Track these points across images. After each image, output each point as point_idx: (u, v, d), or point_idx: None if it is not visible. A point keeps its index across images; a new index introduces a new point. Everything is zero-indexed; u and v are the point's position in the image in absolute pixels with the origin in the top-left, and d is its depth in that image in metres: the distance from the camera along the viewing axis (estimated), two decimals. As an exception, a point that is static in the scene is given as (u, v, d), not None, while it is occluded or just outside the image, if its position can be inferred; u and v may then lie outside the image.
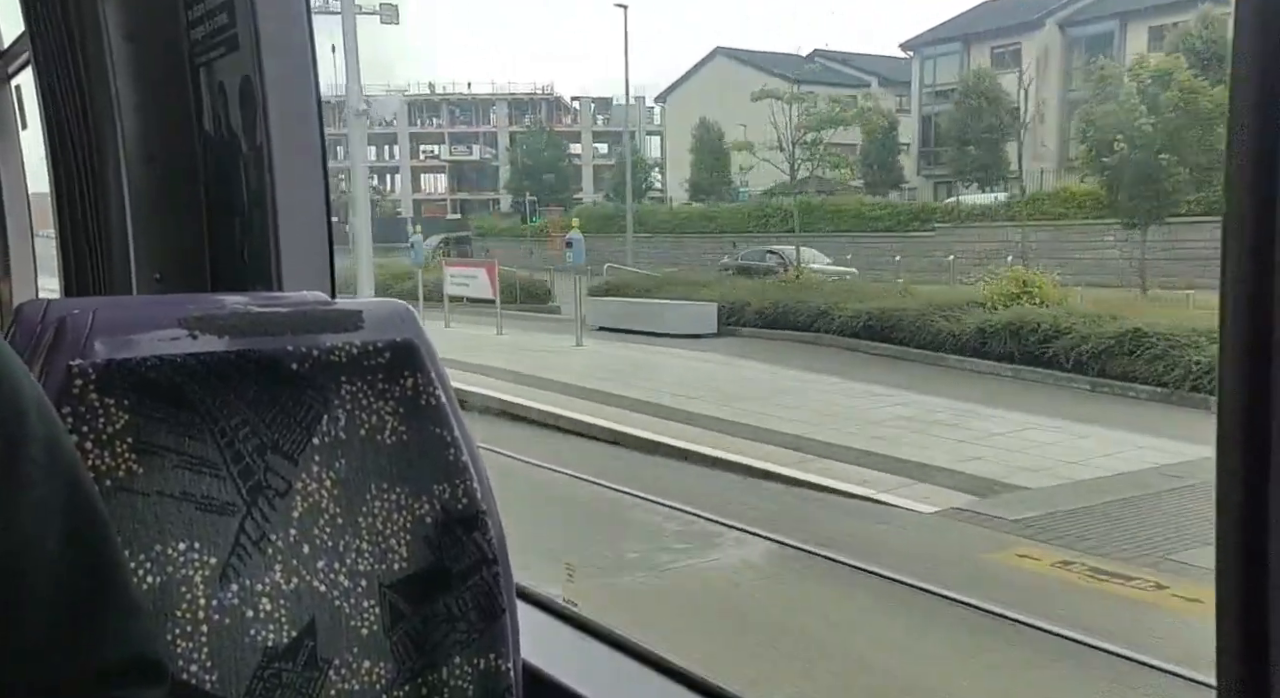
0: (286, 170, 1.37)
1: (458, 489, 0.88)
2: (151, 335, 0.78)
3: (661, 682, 1.07)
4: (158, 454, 0.77)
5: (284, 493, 0.82)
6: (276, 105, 1.36)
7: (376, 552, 0.85)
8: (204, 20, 1.48)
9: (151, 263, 1.61)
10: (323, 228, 1.38)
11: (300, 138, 1.39)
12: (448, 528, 0.87)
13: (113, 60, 1.52)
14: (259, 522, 0.80)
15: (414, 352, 0.88)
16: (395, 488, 0.86)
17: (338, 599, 0.82)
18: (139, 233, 1.60)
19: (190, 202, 1.57)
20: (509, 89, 52.51)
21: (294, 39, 1.40)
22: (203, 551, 0.77)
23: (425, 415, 0.88)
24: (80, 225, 1.86)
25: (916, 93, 31.90)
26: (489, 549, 0.88)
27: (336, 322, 0.86)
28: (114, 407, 0.75)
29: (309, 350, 0.83)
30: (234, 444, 0.80)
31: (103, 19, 1.52)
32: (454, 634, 0.87)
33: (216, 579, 0.78)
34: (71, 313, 0.76)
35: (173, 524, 0.77)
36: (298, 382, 0.83)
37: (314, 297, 0.96)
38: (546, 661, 1.02)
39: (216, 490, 0.79)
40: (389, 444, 0.87)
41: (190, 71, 1.52)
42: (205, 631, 0.76)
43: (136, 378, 0.76)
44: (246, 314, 0.83)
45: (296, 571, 0.81)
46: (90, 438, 0.74)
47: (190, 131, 1.55)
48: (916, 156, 31.35)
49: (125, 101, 1.54)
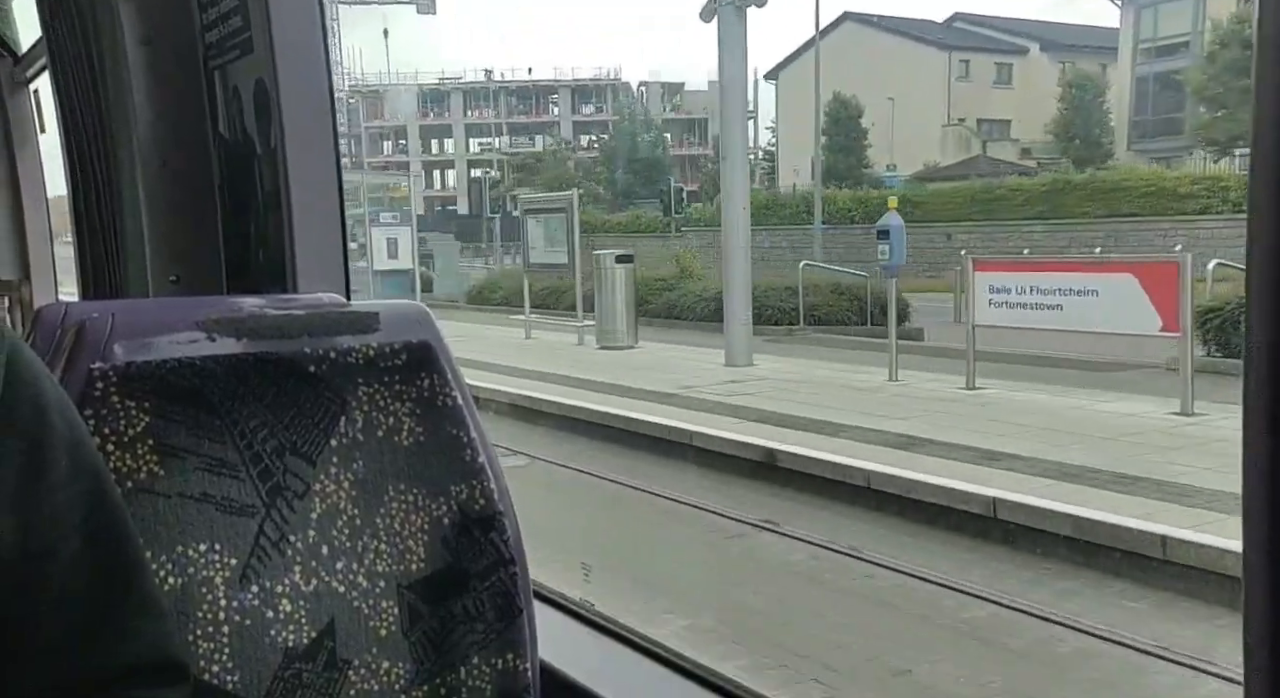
0: (300, 172, 1.38)
1: (475, 490, 0.88)
2: (170, 338, 0.79)
3: (679, 682, 1.07)
4: (178, 456, 0.77)
5: (302, 494, 0.82)
6: (290, 107, 1.37)
7: (394, 553, 0.85)
8: (218, 24, 1.48)
9: (167, 264, 1.62)
10: (337, 229, 1.39)
11: (314, 139, 1.39)
12: (465, 529, 0.88)
13: (128, 65, 1.53)
14: (278, 523, 0.81)
15: (430, 353, 0.88)
16: (413, 489, 0.87)
17: (356, 600, 0.83)
18: (155, 235, 1.61)
19: (205, 204, 1.58)
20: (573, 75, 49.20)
21: (308, 41, 1.40)
22: (223, 552, 0.78)
23: (442, 416, 0.88)
24: (97, 228, 1.87)
25: (1130, 49, 25.74)
26: (506, 550, 0.89)
27: (353, 323, 0.86)
28: (135, 409, 0.75)
29: (326, 352, 0.84)
30: (253, 446, 0.80)
31: (119, 24, 1.53)
32: (472, 635, 0.87)
33: (237, 580, 0.78)
34: (91, 316, 0.77)
35: (193, 526, 0.77)
36: (315, 383, 0.83)
37: (330, 298, 0.97)
38: (564, 661, 1.02)
39: (236, 492, 0.79)
40: (406, 445, 0.87)
41: (205, 75, 1.53)
42: (226, 631, 0.77)
43: (156, 380, 0.77)
44: (264, 316, 0.84)
45: (315, 571, 0.82)
46: (112, 440, 0.74)
47: (205, 134, 1.56)
48: (1128, 127, 25.53)
49: (141, 105, 1.55)
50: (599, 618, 1.19)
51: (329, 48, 1.43)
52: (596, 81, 48.90)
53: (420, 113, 50.35)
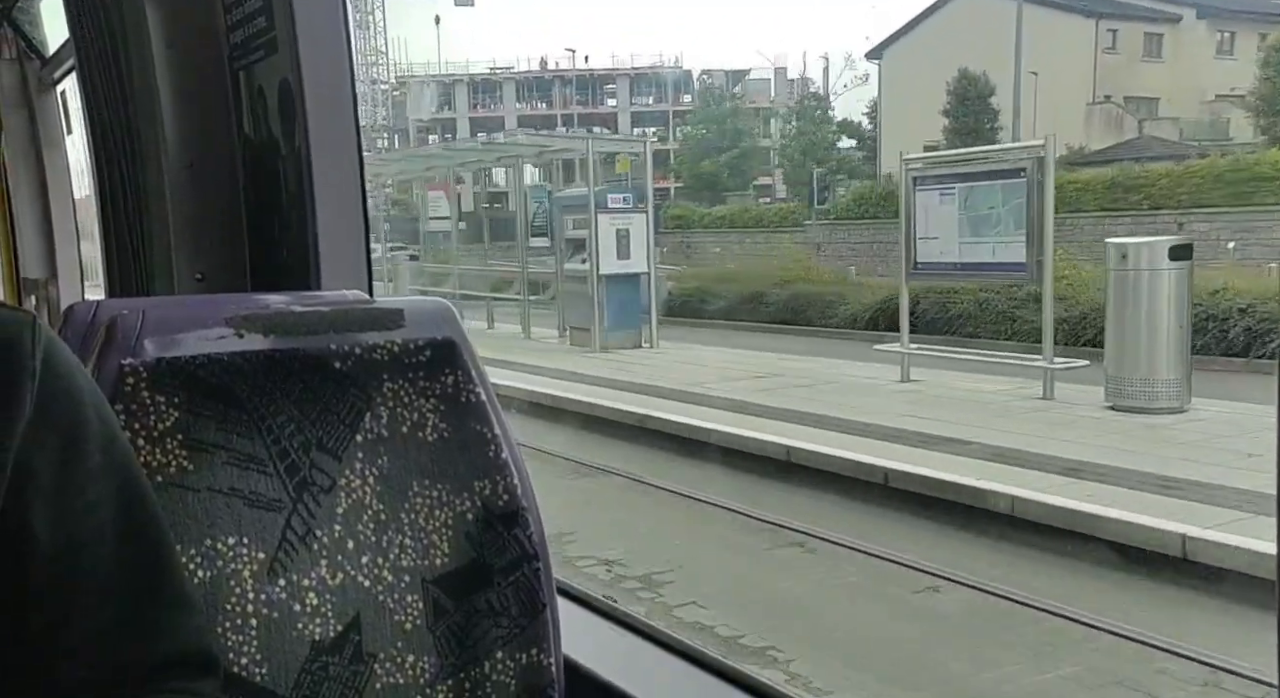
0: (324, 171, 1.39)
1: (498, 486, 0.89)
2: (199, 334, 0.80)
3: (704, 678, 1.07)
4: (207, 451, 0.78)
5: (329, 489, 0.83)
6: (314, 107, 1.38)
7: (419, 548, 0.86)
8: (243, 24, 1.50)
9: (193, 262, 1.63)
10: (360, 227, 1.40)
11: (338, 138, 1.41)
12: (489, 524, 0.88)
13: (155, 67, 1.55)
14: (305, 518, 0.82)
15: (454, 349, 0.89)
16: (437, 485, 0.87)
17: (382, 594, 0.84)
18: (180, 233, 1.63)
19: (230, 202, 1.59)
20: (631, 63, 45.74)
21: (331, 40, 1.41)
22: (251, 546, 0.79)
23: (466, 413, 0.88)
24: (124, 227, 1.89)
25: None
26: (530, 545, 0.89)
27: (378, 320, 0.87)
28: (165, 404, 0.76)
29: (351, 349, 0.84)
30: (280, 441, 0.81)
31: (145, 27, 1.54)
32: (496, 629, 0.88)
33: (264, 574, 0.79)
34: (122, 313, 0.78)
35: (222, 519, 0.78)
36: (341, 380, 0.84)
37: (354, 295, 0.98)
38: (587, 656, 1.02)
39: (264, 487, 0.80)
40: (430, 441, 0.87)
41: (230, 75, 1.55)
42: (254, 624, 0.78)
43: (186, 376, 0.78)
44: (290, 314, 0.84)
45: (341, 566, 0.82)
46: (142, 435, 0.76)
47: (230, 134, 1.58)
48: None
49: (167, 106, 1.57)
50: (622, 614, 1.19)
51: (352, 47, 1.44)
52: (656, 70, 46.39)
53: (470, 104, 48.32)
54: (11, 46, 3.08)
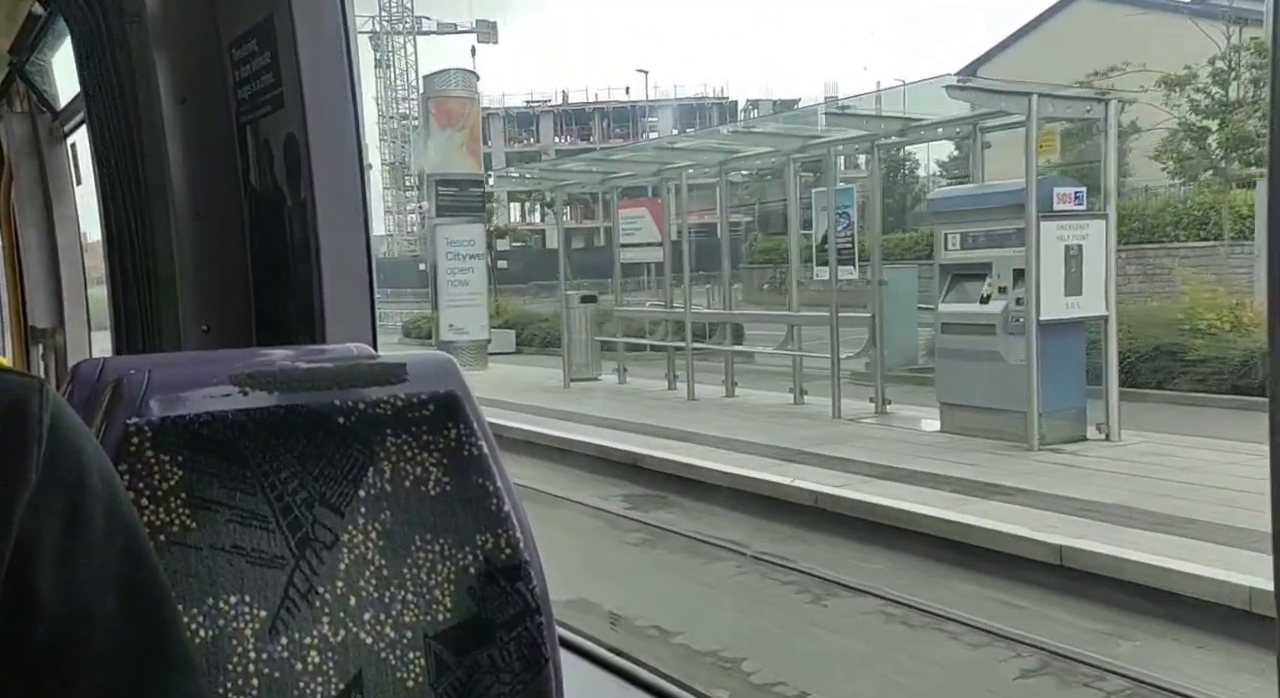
0: (329, 224, 1.41)
1: (500, 540, 0.89)
2: (204, 392, 0.81)
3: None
4: (210, 509, 0.78)
5: (331, 545, 0.83)
6: (320, 161, 1.40)
7: (421, 603, 0.85)
8: (251, 80, 1.53)
9: (199, 314, 1.65)
10: (365, 280, 1.41)
11: (343, 191, 1.43)
12: (491, 578, 0.88)
13: (164, 122, 1.58)
14: (307, 574, 0.82)
15: (457, 403, 0.89)
16: (439, 539, 0.87)
17: (384, 651, 0.83)
18: (187, 285, 1.65)
19: (236, 255, 1.61)
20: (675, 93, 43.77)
21: (337, 95, 1.44)
22: (253, 604, 0.79)
23: (468, 466, 0.89)
24: (131, 278, 1.91)
25: None
26: (532, 599, 0.89)
27: (381, 375, 0.88)
28: (169, 463, 0.77)
29: (355, 404, 0.85)
30: (283, 498, 0.82)
31: (155, 83, 1.58)
32: (498, 685, 0.87)
33: (266, 632, 0.79)
34: (129, 373, 0.79)
35: (224, 578, 0.78)
36: (344, 435, 0.85)
37: (359, 349, 0.98)
38: (590, 711, 1.01)
39: (267, 544, 0.80)
40: (433, 495, 0.88)
41: (237, 130, 1.58)
42: (256, 684, 0.77)
43: (190, 435, 0.78)
44: (295, 369, 0.85)
45: (343, 623, 0.82)
46: (146, 494, 0.76)
47: (237, 188, 1.60)
48: None
49: (175, 160, 1.60)
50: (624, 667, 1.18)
51: (359, 102, 1.47)
52: (700, 100, 43.85)
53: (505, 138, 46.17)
54: (24, 100, 3.14)
